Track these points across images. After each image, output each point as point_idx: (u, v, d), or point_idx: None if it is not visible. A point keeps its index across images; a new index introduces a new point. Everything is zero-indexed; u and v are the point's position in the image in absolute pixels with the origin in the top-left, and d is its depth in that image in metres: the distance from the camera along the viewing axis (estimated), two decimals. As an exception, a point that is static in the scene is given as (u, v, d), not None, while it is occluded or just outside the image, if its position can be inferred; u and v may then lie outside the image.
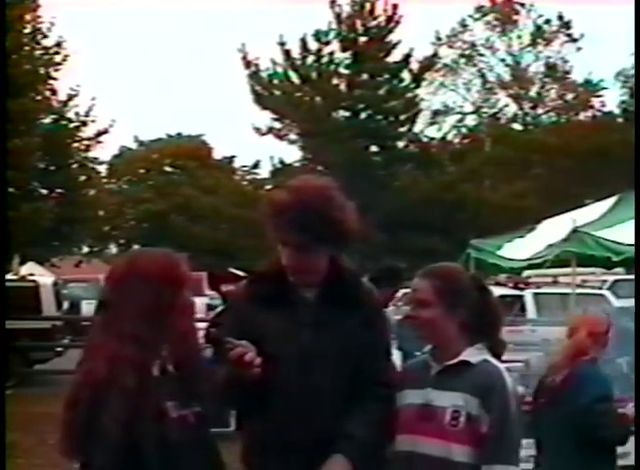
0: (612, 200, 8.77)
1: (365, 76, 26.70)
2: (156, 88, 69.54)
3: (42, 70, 15.38)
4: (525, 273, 16.50)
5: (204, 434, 2.38)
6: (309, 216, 2.62)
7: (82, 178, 17.41)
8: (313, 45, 26.70)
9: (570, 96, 37.61)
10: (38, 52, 15.62)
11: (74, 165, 17.19)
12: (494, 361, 2.68)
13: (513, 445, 2.61)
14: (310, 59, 26.76)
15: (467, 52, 38.05)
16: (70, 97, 16.82)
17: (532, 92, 37.91)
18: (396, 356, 5.09)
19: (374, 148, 27.53)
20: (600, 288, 16.92)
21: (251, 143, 60.36)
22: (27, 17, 15.25)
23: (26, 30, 15.20)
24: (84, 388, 2.24)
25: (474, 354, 2.67)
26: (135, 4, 66.68)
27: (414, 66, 27.27)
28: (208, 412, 2.42)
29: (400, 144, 27.97)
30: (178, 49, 69.94)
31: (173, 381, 2.33)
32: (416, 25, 36.96)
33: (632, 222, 7.16)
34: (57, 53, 15.93)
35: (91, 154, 17.59)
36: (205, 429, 2.39)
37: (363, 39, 26.61)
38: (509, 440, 2.58)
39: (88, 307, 18.84)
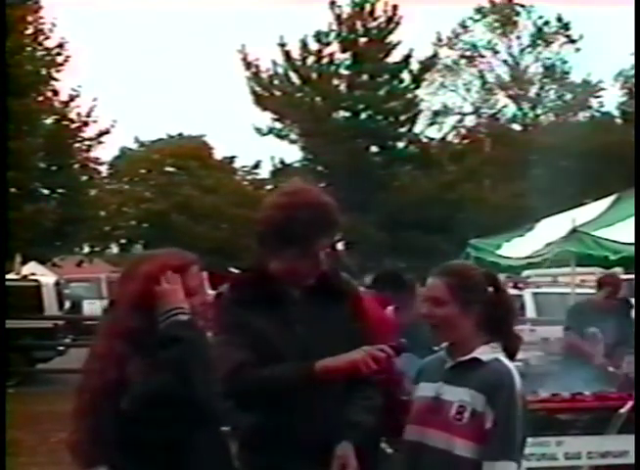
0: (610, 199, 8.82)
1: (365, 77, 26.76)
2: (156, 89, 69.55)
3: (44, 71, 15.41)
4: (525, 273, 16.57)
5: (214, 431, 2.42)
6: (307, 225, 2.68)
7: (84, 178, 17.44)
8: (313, 46, 26.76)
9: (568, 97, 37.67)
10: (40, 53, 15.65)
11: (76, 166, 17.20)
12: (506, 361, 2.69)
13: (516, 442, 2.63)
14: (310, 60, 26.82)
15: (467, 53, 38.10)
16: (72, 97, 16.83)
17: (532, 93, 37.96)
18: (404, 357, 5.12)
19: (374, 148, 27.57)
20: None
21: (252, 143, 60.46)
22: (29, 18, 15.30)
23: (28, 31, 15.25)
24: (94, 391, 2.30)
25: (486, 352, 2.70)
26: (136, 5, 66.72)
27: (414, 66, 27.33)
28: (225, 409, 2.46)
29: (400, 144, 28.02)
30: (179, 50, 69.95)
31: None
32: (416, 26, 37.11)
33: (630, 221, 7.22)
34: (58, 54, 15.95)
35: (92, 154, 17.64)
36: (216, 426, 2.44)
37: (363, 40, 26.66)
38: (512, 437, 2.60)
39: (90, 307, 18.92)
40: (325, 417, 2.69)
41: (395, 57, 26.95)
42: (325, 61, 26.74)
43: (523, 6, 37.54)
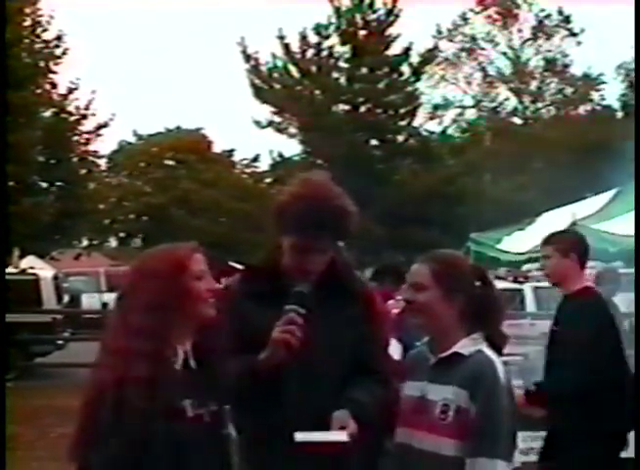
0: (610, 193, 8.81)
1: (365, 70, 26.69)
2: (155, 82, 69.50)
3: (42, 64, 15.34)
4: (525, 267, 16.55)
5: (217, 434, 2.40)
6: (317, 219, 2.66)
7: (82, 172, 17.37)
8: (313, 39, 26.70)
9: (569, 90, 37.61)
10: (38, 45, 15.57)
11: (75, 159, 17.16)
12: (488, 352, 2.56)
13: (499, 437, 2.47)
14: (310, 52, 26.75)
15: (467, 45, 38.02)
16: (71, 90, 16.76)
17: (532, 86, 37.90)
18: (395, 349, 5.12)
19: (374, 142, 27.54)
20: (599, 282, 16.90)
21: (251, 136, 60.48)
22: (27, 10, 15.21)
23: (26, 23, 15.17)
24: (95, 389, 2.29)
25: (467, 346, 2.57)
26: (135, -3, 66.50)
27: (414, 59, 27.28)
28: (226, 410, 2.44)
29: (400, 138, 27.98)
30: (178, 43, 69.93)
31: (193, 377, 2.36)
32: (416, 19, 37.06)
33: (631, 215, 7.20)
34: (57, 46, 15.89)
35: (91, 147, 17.57)
36: (219, 429, 2.41)
37: (363, 33, 26.59)
38: (495, 431, 2.46)
39: (88, 301, 18.90)
40: (323, 418, 2.64)
41: (395, 49, 26.90)
42: (324, 54, 26.68)
43: (524, -2, 37.48)
